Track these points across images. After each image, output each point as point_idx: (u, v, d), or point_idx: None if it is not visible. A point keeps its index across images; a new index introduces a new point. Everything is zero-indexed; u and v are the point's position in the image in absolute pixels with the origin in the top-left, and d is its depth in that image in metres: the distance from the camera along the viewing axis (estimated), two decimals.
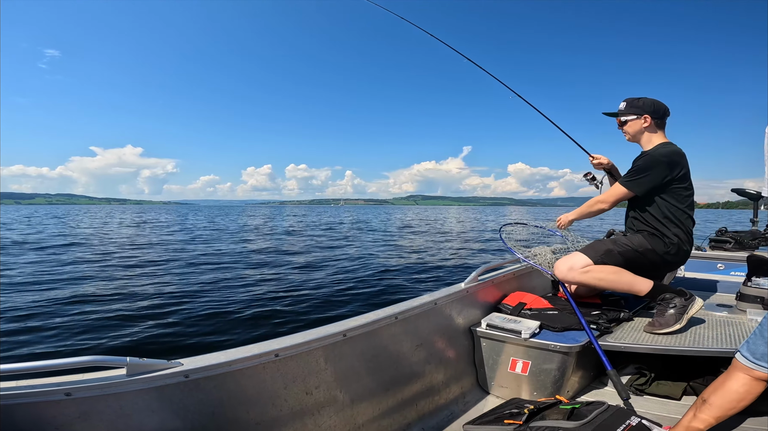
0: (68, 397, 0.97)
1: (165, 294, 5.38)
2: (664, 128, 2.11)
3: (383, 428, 1.59)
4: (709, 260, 2.92)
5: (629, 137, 2.17)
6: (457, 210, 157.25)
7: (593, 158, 2.41)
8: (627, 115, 2.12)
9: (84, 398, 0.99)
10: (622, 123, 2.16)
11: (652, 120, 2.07)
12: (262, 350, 1.24)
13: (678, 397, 1.75)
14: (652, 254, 2.03)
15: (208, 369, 1.14)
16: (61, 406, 0.97)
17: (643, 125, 2.08)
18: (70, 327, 3.94)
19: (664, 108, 2.08)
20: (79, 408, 0.98)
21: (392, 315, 1.62)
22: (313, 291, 5.67)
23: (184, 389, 1.11)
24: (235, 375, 1.20)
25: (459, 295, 1.96)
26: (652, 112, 2.06)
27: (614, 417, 1.27)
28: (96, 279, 6.46)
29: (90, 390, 0.99)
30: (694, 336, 1.80)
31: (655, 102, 2.08)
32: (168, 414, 1.09)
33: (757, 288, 2.20)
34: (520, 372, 1.85)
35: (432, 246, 12.33)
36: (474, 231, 20.06)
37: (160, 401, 1.08)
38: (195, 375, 1.12)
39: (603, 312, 2.06)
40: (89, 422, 1.00)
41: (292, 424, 1.32)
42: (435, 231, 19.50)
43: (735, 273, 2.76)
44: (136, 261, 8.58)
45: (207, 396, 1.15)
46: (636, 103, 2.10)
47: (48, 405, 0.95)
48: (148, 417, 1.07)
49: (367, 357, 1.55)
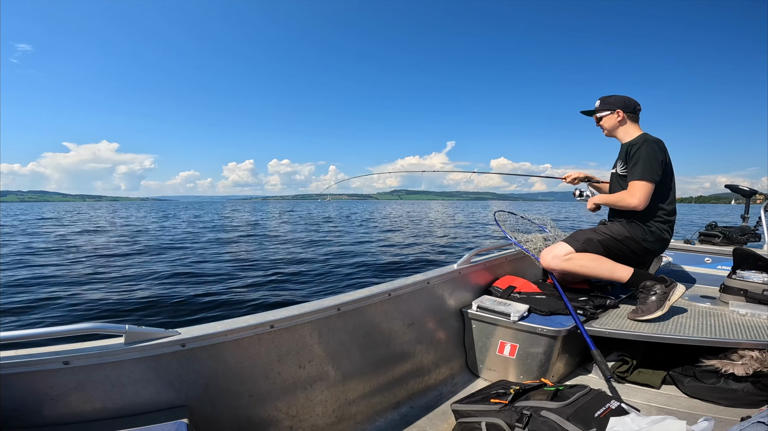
0: (66, 366, 0.97)
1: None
2: (638, 121, 2.24)
3: (373, 405, 1.63)
4: (697, 253, 2.98)
5: (606, 132, 2.30)
6: (442, 204, 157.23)
7: (565, 179, 2.58)
8: (601, 111, 2.27)
9: (82, 367, 0.99)
10: (599, 119, 2.30)
11: (625, 114, 2.20)
12: (258, 321, 1.26)
13: (657, 386, 1.82)
14: (631, 241, 2.12)
15: (204, 338, 1.16)
16: (59, 375, 0.97)
17: (617, 119, 2.22)
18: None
19: (635, 103, 2.22)
20: (76, 377, 0.99)
21: (386, 292, 1.64)
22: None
23: (181, 358, 1.12)
24: (231, 346, 1.21)
25: (451, 276, 1.99)
26: (624, 106, 2.20)
27: (595, 400, 1.32)
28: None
29: (88, 358, 0.99)
30: (676, 325, 1.85)
31: (625, 98, 2.23)
32: (163, 385, 1.11)
33: (740, 280, 2.26)
34: (508, 355, 1.90)
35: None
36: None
37: (156, 371, 1.09)
38: (192, 344, 1.14)
39: (590, 298, 2.12)
40: (85, 392, 1.00)
41: (284, 397, 1.35)
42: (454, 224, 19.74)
43: (721, 267, 2.82)
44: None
45: (202, 367, 1.17)
46: (608, 99, 2.25)
47: (45, 375, 0.95)
48: (144, 388, 1.08)
49: (360, 334, 1.58)
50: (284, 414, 1.36)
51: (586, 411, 1.26)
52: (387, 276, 6.43)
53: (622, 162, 2.15)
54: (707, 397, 1.69)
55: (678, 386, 1.80)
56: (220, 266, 7.08)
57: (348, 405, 1.55)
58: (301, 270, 6.75)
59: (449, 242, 11.21)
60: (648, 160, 2.00)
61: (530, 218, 2.82)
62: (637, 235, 2.10)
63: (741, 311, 2.00)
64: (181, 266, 7.09)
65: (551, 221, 2.82)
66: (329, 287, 5.60)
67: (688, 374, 1.77)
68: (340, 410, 1.52)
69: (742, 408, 1.62)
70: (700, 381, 1.72)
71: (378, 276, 6.45)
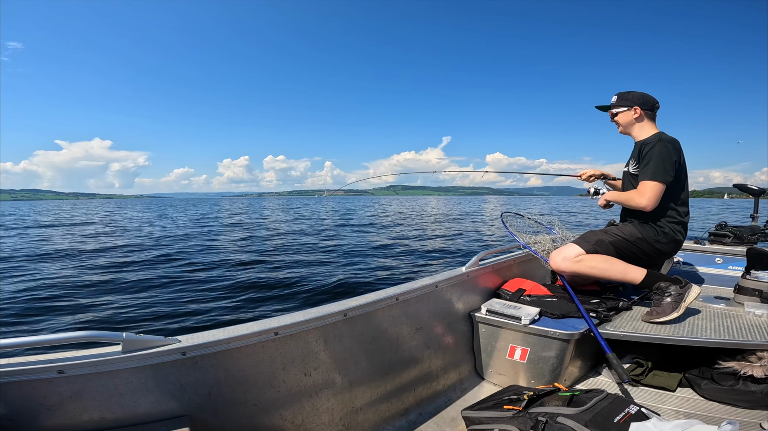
0: (61, 375, 0.94)
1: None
2: (654, 119, 2.17)
3: (381, 412, 1.58)
4: (707, 254, 2.93)
5: (621, 129, 2.24)
6: (438, 199, 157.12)
7: (581, 176, 2.50)
8: (618, 107, 2.18)
9: (77, 376, 0.96)
10: (614, 115, 2.22)
11: (642, 111, 2.13)
12: (262, 328, 1.22)
13: (673, 389, 1.76)
14: (643, 243, 2.06)
15: (206, 346, 1.11)
16: (53, 385, 0.94)
17: (633, 116, 2.14)
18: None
19: (653, 100, 2.14)
20: (71, 386, 0.96)
21: (393, 296, 1.60)
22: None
23: (181, 367, 1.08)
24: (234, 354, 1.17)
25: (460, 279, 1.95)
26: (642, 103, 2.13)
27: (613, 405, 1.27)
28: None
29: (83, 367, 0.96)
30: (692, 326, 1.80)
31: (644, 95, 2.14)
32: (163, 394, 1.07)
33: (755, 281, 2.20)
34: (518, 359, 1.85)
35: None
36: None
37: (155, 380, 1.05)
38: (192, 352, 1.10)
39: (602, 300, 2.07)
40: (81, 402, 0.97)
41: (289, 406, 1.31)
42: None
43: (733, 268, 2.76)
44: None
45: (204, 376, 1.13)
46: (626, 95, 2.17)
47: (40, 384, 0.92)
48: (143, 397, 1.04)
49: (367, 340, 1.53)
50: (290, 423, 1.31)
51: (604, 417, 1.21)
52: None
53: (634, 160, 2.11)
54: (725, 400, 1.64)
55: (695, 389, 1.74)
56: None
57: (355, 413, 1.50)
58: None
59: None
60: (660, 160, 1.95)
61: (537, 219, 2.78)
62: (650, 236, 2.05)
63: (757, 312, 1.95)
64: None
65: (559, 221, 2.77)
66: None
67: (706, 376, 1.72)
68: (347, 418, 1.48)
69: (761, 410, 1.57)
70: (718, 384, 1.66)
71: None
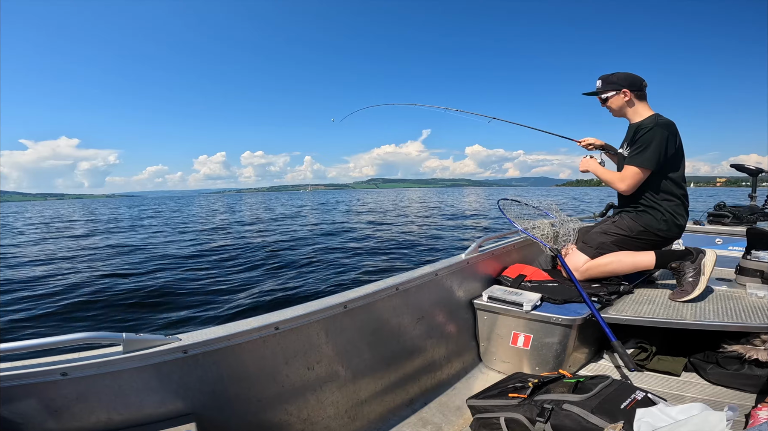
0: (65, 377, 0.93)
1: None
2: (645, 99, 2.11)
3: (386, 403, 1.58)
4: (707, 234, 2.92)
5: (615, 113, 2.18)
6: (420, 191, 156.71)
7: (580, 142, 2.44)
8: (605, 92, 2.12)
9: (81, 377, 0.95)
10: (604, 100, 2.15)
11: (632, 93, 2.06)
12: (262, 323, 1.21)
13: (678, 373, 1.76)
14: (645, 234, 2.06)
15: (207, 344, 1.10)
16: (58, 387, 0.93)
17: (624, 100, 2.08)
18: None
19: (640, 79, 2.07)
20: (76, 388, 0.95)
21: (393, 286, 1.58)
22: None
23: (183, 365, 1.07)
24: (235, 350, 1.16)
25: (459, 266, 1.93)
26: (629, 85, 2.06)
27: (619, 391, 1.27)
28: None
29: (86, 368, 0.95)
30: (695, 309, 1.80)
31: (629, 75, 2.07)
32: (168, 393, 1.06)
33: (756, 261, 2.19)
34: (521, 346, 1.84)
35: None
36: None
37: (159, 379, 1.04)
38: (194, 350, 1.08)
39: (604, 284, 2.06)
40: (87, 403, 0.96)
41: (294, 400, 1.30)
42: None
43: (733, 248, 2.76)
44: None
45: (206, 373, 1.11)
46: (611, 78, 2.10)
47: (45, 386, 0.92)
48: (148, 397, 1.03)
49: (369, 331, 1.52)
50: (295, 418, 1.31)
51: (611, 403, 1.21)
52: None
53: (627, 143, 2.07)
54: (731, 384, 1.63)
55: (700, 373, 1.74)
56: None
57: (360, 405, 1.49)
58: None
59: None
60: (650, 146, 1.93)
61: (534, 204, 2.76)
62: (651, 225, 2.03)
63: (759, 293, 1.94)
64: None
65: (555, 205, 2.75)
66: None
67: (711, 361, 1.71)
68: (353, 410, 1.47)
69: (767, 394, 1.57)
70: (724, 368, 1.66)
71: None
